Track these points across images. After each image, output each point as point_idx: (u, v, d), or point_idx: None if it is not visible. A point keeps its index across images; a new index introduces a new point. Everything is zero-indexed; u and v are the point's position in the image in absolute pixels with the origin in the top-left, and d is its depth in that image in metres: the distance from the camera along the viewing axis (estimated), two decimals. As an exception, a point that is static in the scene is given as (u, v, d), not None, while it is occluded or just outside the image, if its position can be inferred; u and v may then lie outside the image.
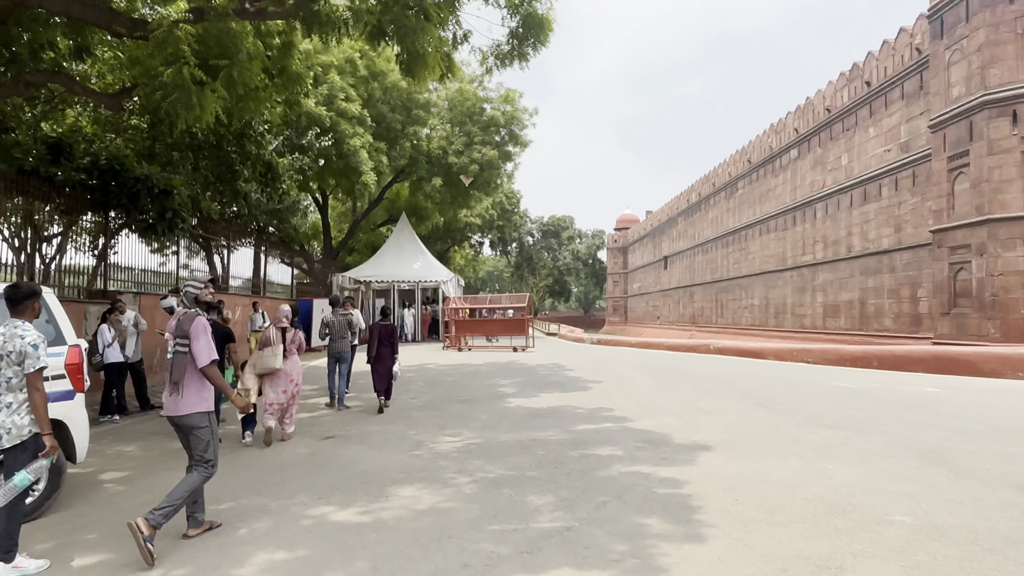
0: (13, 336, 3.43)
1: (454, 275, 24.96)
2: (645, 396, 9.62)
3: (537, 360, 15.80)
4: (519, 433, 7.13)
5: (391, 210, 29.38)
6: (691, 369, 13.25)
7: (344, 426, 7.90)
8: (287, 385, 7.23)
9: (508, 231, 45.52)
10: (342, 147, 17.78)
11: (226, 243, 16.25)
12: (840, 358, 13.55)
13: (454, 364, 14.88)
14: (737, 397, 9.34)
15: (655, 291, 59.31)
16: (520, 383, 11.23)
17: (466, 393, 10.20)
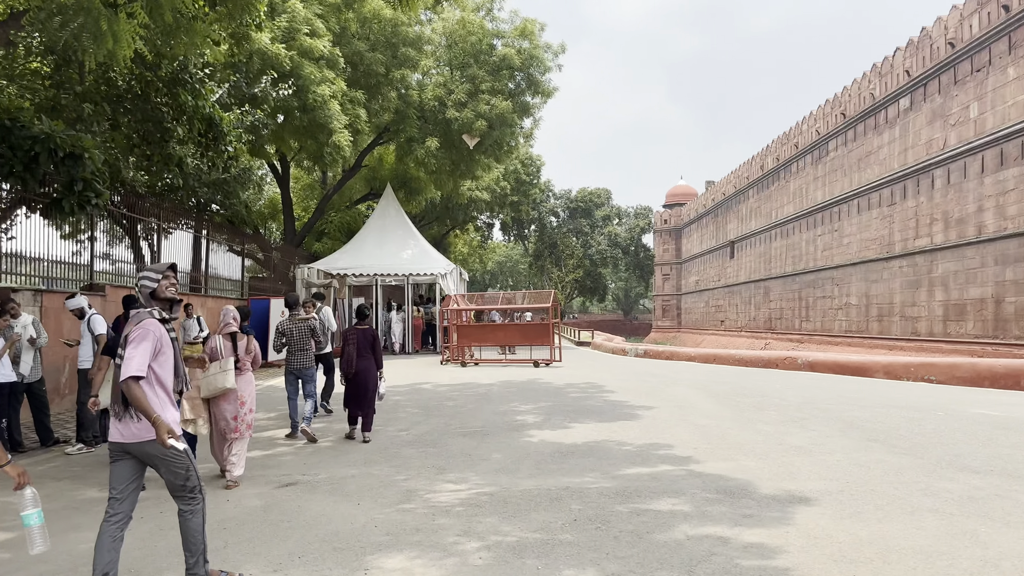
0: None
1: (455, 266, 24.73)
2: (714, 428, 9.29)
3: (566, 378, 15.50)
4: (546, 478, 6.85)
5: (372, 182, 29.20)
6: (773, 390, 12.89)
7: (309, 468, 7.66)
8: (236, 410, 7.14)
9: (525, 209, 45.30)
10: (306, 97, 17.57)
11: (156, 225, 16.13)
12: (976, 375, 13.11)
13: (457, 384, 14.64)
14: (840, 429, 8.98)
15: (717, 287, 58.96)
16: (545, 409, 10.94)
17: (473, 423, 9.93)
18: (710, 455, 7.70)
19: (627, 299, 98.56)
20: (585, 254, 59.33)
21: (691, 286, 68.27)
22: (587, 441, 8.55)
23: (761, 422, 9.59)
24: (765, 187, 49.03)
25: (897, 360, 14.49)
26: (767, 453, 7.74)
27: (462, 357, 19.28)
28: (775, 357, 17.10)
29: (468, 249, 50.58)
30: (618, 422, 9.74)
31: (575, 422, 9.79)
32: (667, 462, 7.42)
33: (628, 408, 10.90)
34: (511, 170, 41.23)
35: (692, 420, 9.80)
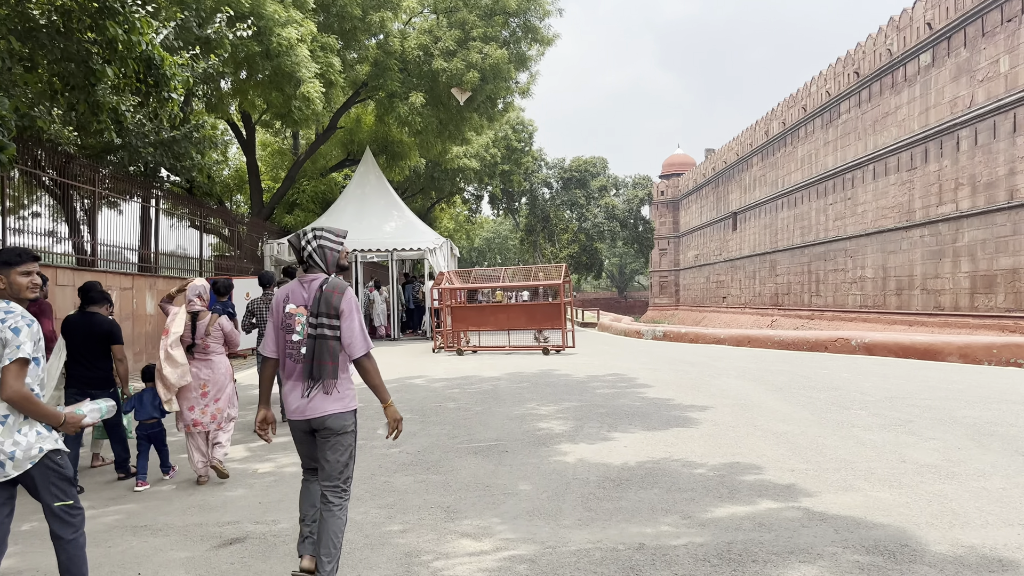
0: None
1: (445, 240, 22.62)
2: (800, 437, 7.37)
3: (585, 368, 13.48)
4: (603, 527, 4.89)
5: (349, 146, 26.85)
6: (842, 380, 10.96)
7: (267, 508, 5.66)
8: (207, 402, 6.55)
9: (517, 179, 43.10)
10: (269, 41, 15.32)
11: (92, 193, 13.95)
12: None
13: (456, 378, 12.58)
14: (968, 437, 7.08)
15: (719, 261, 57.39)
16: (573, 412, 8.95)
17: (484, 433, 7.94)
18: (819, 482, 5.77)
19: (621, 276, 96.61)
20: (580, 228, 57.18)
21: (690, 261, 66.72)
22: (641, 461, 6.58)
23: (855, 426, 7.66)
24: (770, 154, 47.46)
25: (975, 341, 12.64)
26: (896, 478, 5.81)
27: (458, 344, 17.26)
28: (823, 339, 15.19)
29: (454, 224, 48.45)
30: (671, 430, 7.77)
31: (616, 430, 7.82)
32: (766, 495, 5.48)
33: (676, 409, 8.93)
34: (501, 136, 39.04)
35: (765, 425, 7.86)
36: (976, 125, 27.58)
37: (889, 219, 33.28)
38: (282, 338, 3.99)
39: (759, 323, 45.60)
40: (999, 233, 26.37)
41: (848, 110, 37.02)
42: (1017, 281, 25.40)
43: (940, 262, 29.67)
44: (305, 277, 3.98)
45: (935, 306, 29.84)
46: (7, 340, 3.37)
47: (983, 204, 27.11)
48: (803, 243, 41.96)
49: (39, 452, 3.45)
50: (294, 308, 3.96)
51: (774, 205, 46.68)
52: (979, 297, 27.35)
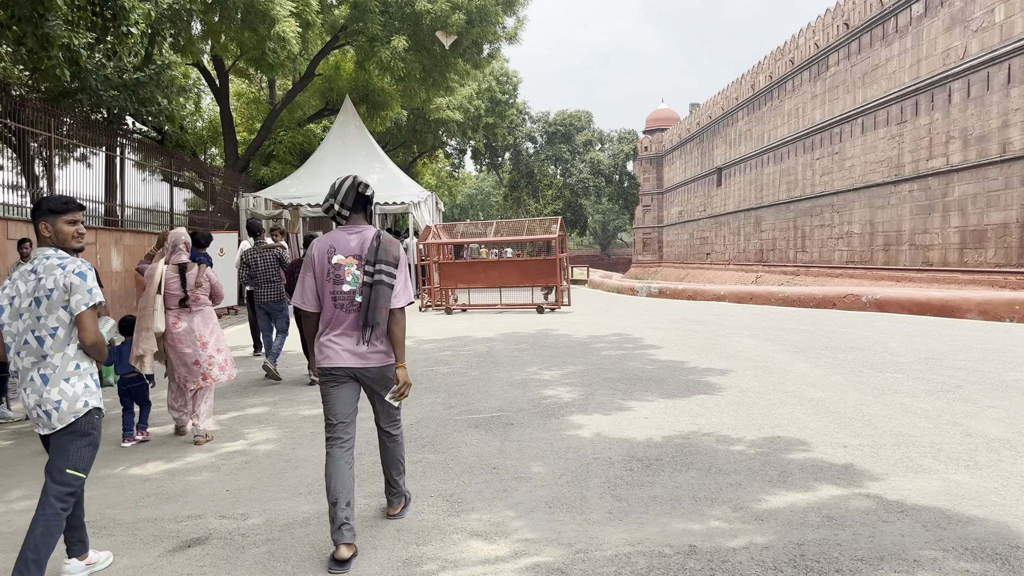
0: (50, 268, 3.35)
1: (431, 193, 21.50)
2: (839, 405, 6.55)
3: (584, 327, 12.58)
4: (641, 524, 4.02)
5: (328, 94, 25.43)
6: (864, 339, 10.15)
7: (238, 496, 4.74)
8: (197, 353, 6.11)
9: (501, 132, 41.75)
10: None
11: (49, 140, 12.74)
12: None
13: (447, 339, 11.65)
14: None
15: (703, 217, 56.65)
16: (580, 377, 8.07)
17: (485, 402, 7.05)
18: (880, 461, 4.93)
19: (604, 233, 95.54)
20: (564, 183, 55.90)
21: (674, 217, 65.93)
22: (668, 435, 5.72)
23: (898, 392, 6.85)
24: (756, 108, 46.50)
25: (996, 296, 11.88)
26: (969, 455, 4.99)
27: (446, 302, 16.31)
28: (831, 295, 14.39)
29: (437, 180, 47.15)
30: (694, 397, 6.92)
31: (631, 398, 6.95)
32: (824, 479, 4.63)
33: (693, 373, 8.08)
34: (485, 88, 37.62)
35: (797, 391, 7.03)
36: (969, 77, 26.80)
37: (877, 174, 32.59)
38: (327, 289, 3.89)
39: (743, 280, 45.06)
40: (990, 187, 25.76)
41: (837, 62, 36.11)
42: (1008, 236, 24.86)
43: (929, 217, 29.05)
44: (353, 227, 3.94)
45: (923, 261, 29.36)
46: (74, 286, 3.33)
47: (975, 158, 26.43)
48: (789, 198, 41.26)
49: (84, 407, 3.40)
50: (343, 259, 3.88)
51: (760, 160, 45.90)
52: (968, 252, 26.83)
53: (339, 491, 3.76)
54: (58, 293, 3.33)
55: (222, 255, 16.79)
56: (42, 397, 3.35)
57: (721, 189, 53.33)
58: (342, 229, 3.95)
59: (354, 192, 3.91)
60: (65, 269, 3.34)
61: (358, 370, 3.89)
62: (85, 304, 3.34)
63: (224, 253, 16.85)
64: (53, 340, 3.35)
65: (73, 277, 3.34)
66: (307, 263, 3.94)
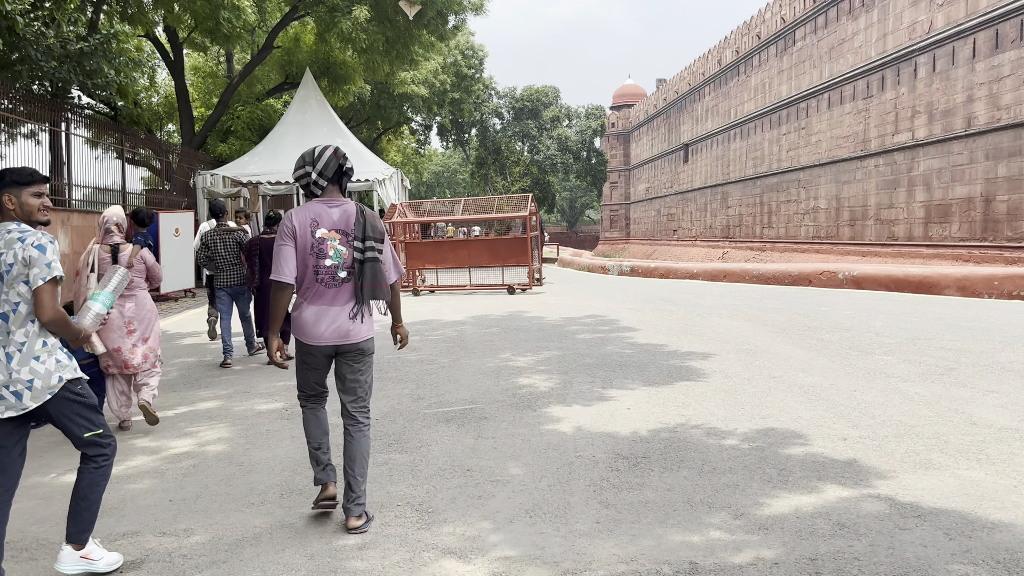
0: (10, 243, 3.24)
1: (396, 170, 20.82)
2: (830, 390, 6.20)
3: (557, 308, 12.11)
4: (633, 535, 3.59)
5: (288, 67, 24.47)
6: (845, 318, 9.84)
7: (181, 508, 4.21)
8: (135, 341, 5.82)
9: (467, 108, 40.96)
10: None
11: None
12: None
13: (414, 322, 11.10)
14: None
15: (670, 194, 56.49)
16: (556, 363, 7.62)
17: (456, 393, 6.57)
18: (885, 455, 4.56)
19: (572, 210, 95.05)
20: (532, 160, 55.20)
21: (641, 194, 65.74)
22: (654, 428, 5.30)
23: (891, 376, 6.50)
24: (723, 83, 46.24)
25: (975, 272, 11.66)
26: (978, 448, 4.64)
27: (413, 283, 15.74)
28: (807, 272, 14.11)
29: (402, 157, 46.26)
30: (677, 384, 6.51)
31: (611, 386, 6.52)
32: (828, 477, 4.24)
33: (675, 357, 7.67)
34: (451, 62, 36.80)
35: (785, 376, 6.65)
36: (935, 51, 26.71)
37: (843, 149, 32.55)
38: (310, 263, 3.76)
39: (710, 256, 45.07)
40: (955, 162, 25.77)
41: (803, 37, 35.89)
42: (972, 210, 24.94)
43: (895, 192, 29.07)
44: (332, 200, 3.82)
45: (889, 236, 29.45)
46: (33, 259, 3.23)
47: (940, 132, 26.40)
48: (755, 174, 41.17)
49: (59, 382, 3.32)
50: (326, 232, 3.77)
51: (726, 136, 45.74)
52: (933, 227, 26.92)
53: (320, 437, 4.00)
54: (18, 267, 3.22)
55: (177, 235, 16.02)
56: (11, 377, 3.24)
57: (688, 165, 53.14)
58: (321, 201, 3.79)
59: (336, 163, 3.78)
60: (24, 242, 3.23)
61: (340, 346, 3.83)
62: (43, 279, 3.22)
63: (179, 233, 16.09)
64: (15, 316, 3.26)
65: (32, 250, 3.22)
66: (285, 234, 3.75)
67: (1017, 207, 23.13)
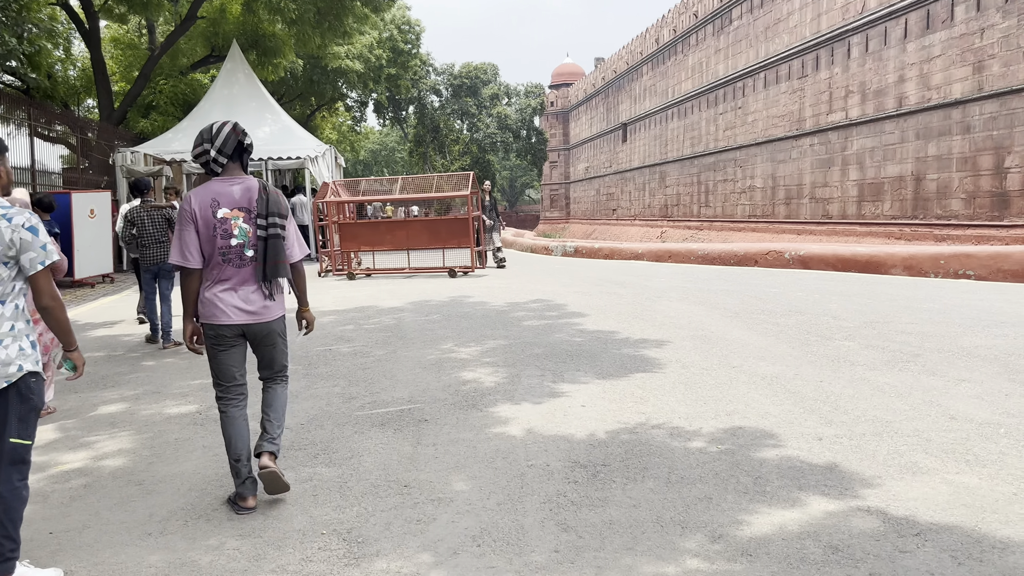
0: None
1: (329, 147, 19.88)
2: (798, 381, 5.78)
3: (502, 293, 11.50)
4: (598, 567, 3.06)
5: (214, 39, 23.09)
6: (799, 300, 9.49)
7: (59, 547, 3.54)
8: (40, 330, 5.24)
9: (404, 84, 39.85)
10: None
11: None
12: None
13: (347, 309, 10.37)
14: (1004, 375, 5.68)
15: (609, 173, 56.38)
16: (502, 354, 7.04)
17: (393, 391, 5.95)
18: (866, 458, 4.12)
19: (512, 189, 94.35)
20: (472, 139, 54.27)
21: (580, 173, 65.56)
22: (613, 429, 4.77)
23: (856, 364, 6.12)
24: (661, 62, 46.14)
25: (921, 251, 11.50)
26: (964, 446, 4.25)
27: (348, 266, 14.93)
28: (753, 252, 13.83)
29: (338, 135, 44.90)
30: (633, 376, 6.01)
31: (563, 380, 5.98)
32: (809, 487, 3.78)
33: (628, 345, 7.17)
34: (386, 37, 35.63)
35: (746, 365, 6.22)
36: (868, 31, 26.85)
37: (779, 128, 32.73)
38: (216, 244, 3.61)
39: (648, 235, 45.16)
40: (887, 141, 26.02)
41: (740, 16, 35.91)
42: (903, 189, 25.26)
43: (829, 171, 29.27)
44: (232, 178, 3.69)
45: (823, 214, 29.78)
46: (25, 242, 2.98)
47: (872, 112, 26.62)
48: (693, 154, 41.28)
49: (18, 371, 3.04)
50: (228, 212, 3.64)
51: (664, 115, 45.74)
52: (866, 205, 27.26)
53: (240, 449, 3.75)
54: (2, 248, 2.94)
55: (93, 216, 14.94)
56: None
57: (627, 145, 53.06)
58: (221, 180, 3.65)
59: (235, 139, 3.63)
60: (12, 222, 2.95)
61: (249, 326, 3.72)
62: (41, 263, 3.02)
63: (95, 214, 15.00)
64: None
65: (23, 232, 2.98)
66: (186, 217, 3.60)
67: (946, 185, 23.46)
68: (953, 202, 23.45)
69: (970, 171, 22.51)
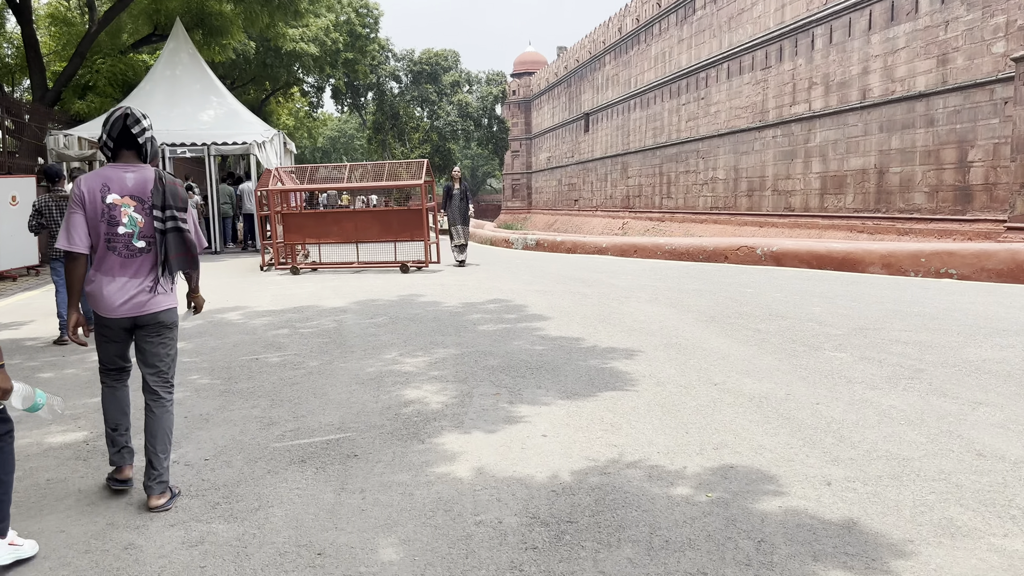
0: None
1: (277, 131, 18.73)
2: (790, 404, 5.01)
3: (456, 291, 10.58)
4: None
5: (156, 17, 21.65)
6: (780, 304, 8.71)
7: None
8: None
9: (362, 69, 38.55)
10: None
11: None
12: (1017, 266, 9.71)
13: (285, 309, 9.35)
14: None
15: (571, 163, 55.69)
16: (452, 364, 6.17)
17: (321, 414, 5.03)
18: (890, 512, 3.34)
19: (473, 178, 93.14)
20: (432, 126, 53.00)
21: (542, 163, 64.79)
22: (579, 469, 3.93)
23: (854, 382, 5.35)
24: (624, 52, 45.47)
25: (900, 248, 10.86)
26: (1003, 495, 3.48)
27: (293, 260, 13.87)
28: (723, 247, 13.09)
29: (294, 121, 43.49)
30: (602, 395, 5.18)
31: (522, 401, 5.12)
32: (826, 556, 2.96)
33: (594, 356, 6.33)
34: (343, 20, 34.31)
35: (728, 383, 5.42)
36: (832, 23, 26.47)
37: (742, 119, 32.31)
38: (101, 230, 3.48)
39: (610, 226, 44.61)
40: (850, 133, 25.70)
41: (704, 6, 35.38)
42: (866, 182, 24.98)
43: (792, 163, 28.92)
44: (127, 165, 3.55)
45: (786, 207, 29.47)
46: None
47: (836, 104, 26.26)
48: (655, 144, 40.72)
49: None
50: (118, 198, 3.51)
51: (627, 106, 45.14)
52: (829, 198, 26.98)
53: (118, 418, 3.76)
54: None
55: (15, 203, 13.69)
56: None
57: (589, 135, 52.40)
58: (115, 167, 3.56)
59: (120, 125, 3.50)
60: None
61: (138, 318, 3.61)
62: None
63: (17, 201, 13.75)
64: None
65: None
66: (74, 201, 3.50)
67: (909, 179, 23.19)
68: (916, 196, 23.18)
69: (933, 164, 22.22)
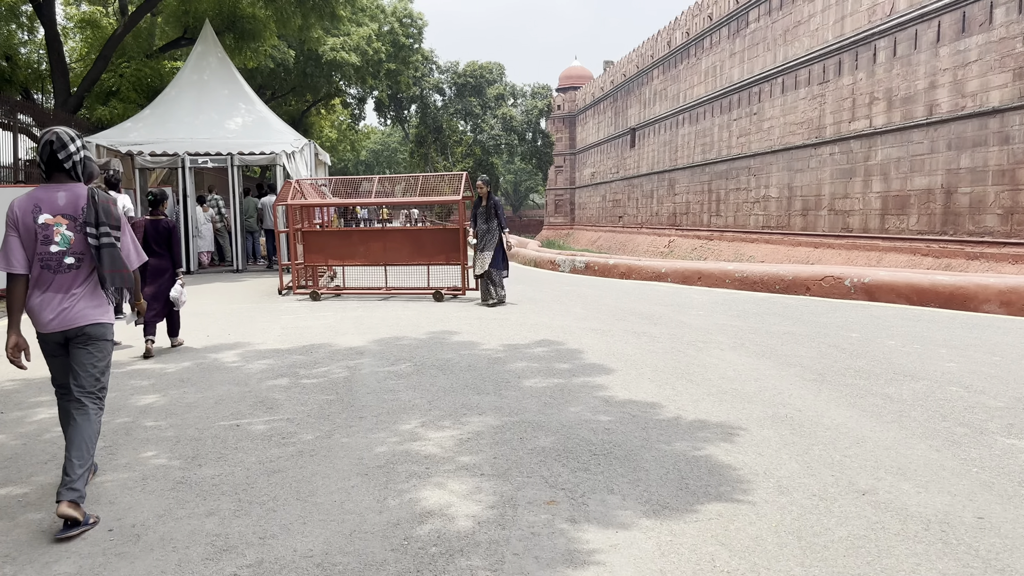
0: None
1: (308, 142, 17.47)
2: (988, 534, 3.30)
3: (497, 327, 8.58)
4: None
5: (184, 19, 20.74)
6: (902, 356, 6.73)
7: None
8: None
9: (405, 80, 37.52)
10: None
11: None
12: None
13: (291, 348, 7.53)
14: None
15: (616, 179, 54.22)
16: (489, 445, 4.56)
17: (300, 533, 3.42)
18: None
19: (516, 193, 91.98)
20: (475, 140, 51.76)
21: (586, 179, 63.51)
22: None
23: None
24: (672, 66, 44.10)
25: (1021, 284, 9.07)
26: None
27: (314, 283, 12.42)
28: (804, 276, 11.28)
29: (337, 133, 42.62)
30: (703, 510, 3.55)
31: (588, 517, 3.53)
32: None
33: (678, 432, 4.68)
34: (386, 30, 33.33)
35: (878, 491, 3.74)
36: (896, 35, 24.87)
37: (797, 136, 30.68)
38: (35, 250, 3.58)
39: (656, 244, 43.05)
40: (915, 151, 24.03)
41: (757, 19, 33.90)
42: (932, 202, 23.21)
43: (850, 181, 27.37)
44: (58, 185, 3.66)
45: (843, 227, 27.79)
46: None
47: (900, 120, 24.73)
48: (704, 161, 39.19)
49: None
50: (50, 218, 3.62)
51: (675, 121, 43.79)
52: (890, 219, 25.21)
53: None
54: None
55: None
56: None
57: (635, 150, 51.02)
58: (45, 187, 3.62)
59: (48, 150, 3.56)
60: None
61: (66, 331, 3.64)
62: None
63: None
64: None
65: None
66: (9, 223, 3.53)
67: (980, 199, 21.42)
68: (988, 217, 21.39)
69: (1008, 184, 20.43)
